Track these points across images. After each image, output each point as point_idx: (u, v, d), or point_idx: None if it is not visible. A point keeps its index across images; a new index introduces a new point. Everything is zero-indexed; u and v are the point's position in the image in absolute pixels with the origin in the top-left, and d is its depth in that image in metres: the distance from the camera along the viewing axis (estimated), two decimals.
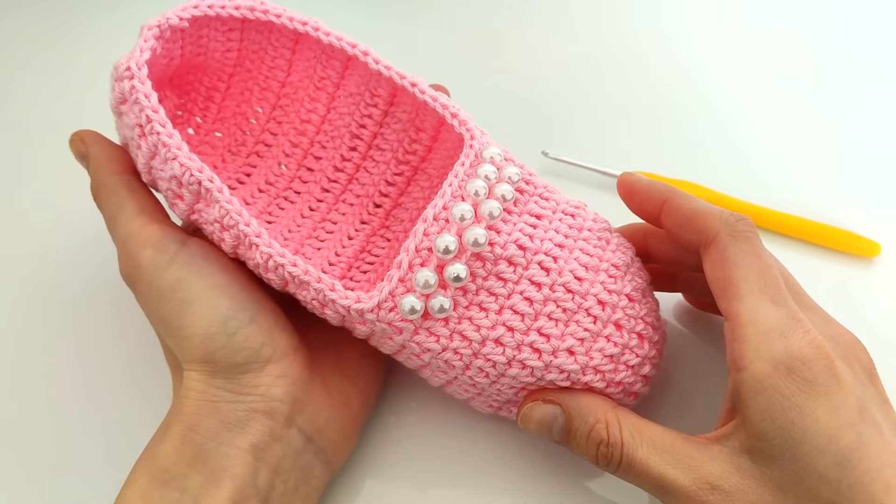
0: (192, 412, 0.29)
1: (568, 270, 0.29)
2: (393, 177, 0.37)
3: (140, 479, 0.28)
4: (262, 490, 0.28)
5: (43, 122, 0.46)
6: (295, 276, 0.29)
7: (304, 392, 0.30)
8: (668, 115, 0.47)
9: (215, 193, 0.29)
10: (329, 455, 0.31)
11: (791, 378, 0.26)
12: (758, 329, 0.27)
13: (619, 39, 0.52)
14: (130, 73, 0.29)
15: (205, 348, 0.29)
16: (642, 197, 0.32)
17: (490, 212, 0.29)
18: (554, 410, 0.29)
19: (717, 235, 0.29)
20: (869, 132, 0.46)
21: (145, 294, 0.30)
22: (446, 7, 0.54)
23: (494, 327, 0.29)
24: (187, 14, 0.31)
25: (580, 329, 0.29)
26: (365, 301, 0.28)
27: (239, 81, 0.37)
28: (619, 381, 0.30)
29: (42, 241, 0.40)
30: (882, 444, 0.26)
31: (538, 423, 0.30)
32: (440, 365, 0.30)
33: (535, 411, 0.30)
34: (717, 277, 0.29)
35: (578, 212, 0.32)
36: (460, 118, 0.31)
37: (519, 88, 0.49)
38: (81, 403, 0.35)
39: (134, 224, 0.31)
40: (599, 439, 0.28)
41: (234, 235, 0.29)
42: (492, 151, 0.30)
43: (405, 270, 0.28)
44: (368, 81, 0.35)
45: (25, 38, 0.51)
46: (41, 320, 0.38)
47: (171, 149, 0.29)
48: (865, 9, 0.53)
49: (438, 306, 0.28)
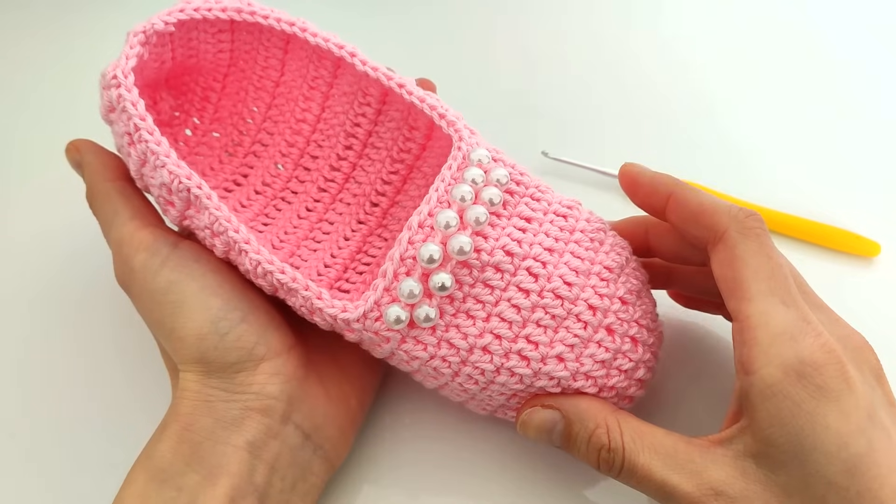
0: (187, 412, 0.29)
1: (557, 275, 0.29)
2: (389, 175, 0.37)
3: (138, 478, 0.28)
4: (259, 487, 0.28)
5: (40, 127, 0.47)
6: (283, 283, 0.29)
7: (301, 389, 0.30)
8: (668, 115, 0.47)
9: (204, 200, 0.29)
10: (328, 452, 0.31)
11: (802, 384, 0.25)
12: (768, 332, 0.26)
13: (619, 39, 0.51)
14: (117, 82, 0.29)
15: (198, 349, 0.29)
16: (646, 189, 0.31)
17: (476, 218, 0.28)
18: (553, 416, 0.29)
19: (727, 232, 0.28)
20: (869, 132, 0.45)
21: (139, 297, 0.31)
22: (446, 6, 0.54)
23: (482, 335, 0.29)
24: (173, 18, 0.31)
25: (570, 335, 0.29)
26: (351, 311, 0.28)
27: (234, 81, 0.37)
28: (612, 385, 0.30)
29: (40, 247, 0.41)
30: (890, 449, 0.25)
31: (537, 429, 0.29)
32: (429, 372, 0.30)
33: (535, 417, 0.29)
34: (726, 276, 0.28)
35: (571, 212, 0.31)
36: (448, 119, 0.31)
37: (519, 88, 0.48)
38: (82, 405, 0.36)
39: (127, 229, 0.31)
40: (600, 444, 0.28)
41: (225, 242, 0.29)
42: (479, 154, 0.29)
43: (390, 280, 0.28)
44: (360, 81, 0.35)
45: (23, 37, 0.52)
46: (41, 325, 0.38)
47: (160, 156, 0.29)
48: (865, 8, 0.52)
49: (424, 316, 0.28)
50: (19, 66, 0.50)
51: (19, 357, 0.37)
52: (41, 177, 0.43)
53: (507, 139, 0.34)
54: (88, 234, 0.37)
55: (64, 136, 0.35)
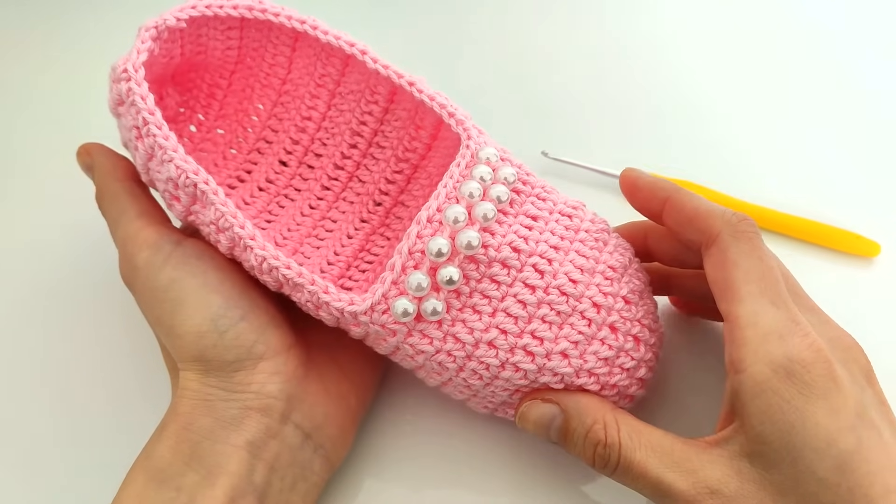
0: (187, 411, 0.29)
1: (562, 273, 0.29)
2: (393, 175, 0.37)
3: (137, 478, 0.28)
4: (258, 486, 0.28)
5: (44, 126, 0.47)
6: (289, 278, 0.29)
7: (300, 389, 0.30)
8: (668, 115, 0.47)
9: (211, 196, 0.29)
10: (328, 451, 0.31)
11: (790, 381, 0.26)
12: (757, 332, 0.27)
13: (619, 39, 0.51)
14: (127, 76, 0.29)
15: (196, 347, 0.29)
16: (645, 194, 0.32)
17: (484, 214, 0.28)
18: (552, 410, 0.29)
19: (719, 235, 0.29)
20: (869, 132, 0.46)
21: (142, 294, 0.31)
22: (447, 6, 0.54)
23: (487, 330, 0.29)
24: (185, 15, 0.31)
25: (574, 332, 0.29)
26: (358, 304, 0.28)
27: (240, 79, 0.37)
28: (614, 383, 0.30)
29: (44, 248, 0.41)
30: (881, 447, 0.26)
31: (536, 423, 0.30)
32: (434, 367, 0.30)
33: (533, 410, 0.30)
34: (718, 278, 0.29)
35: (576, 212, 0.31)
36: (458, 117, 0.31)
37: (519, 88, 0.48)
38: (82, 405, 0.36)
39: (133, 227, 0.31)
40: (597, 440, 0.28)
41: (230, 238, 0.29)
42: (488, 152, 0.30)
43: (398, 273, 0.28)
44: (368, 79, 0.35)
45: (29, 36, 0.52)
46: (42, 326, 0.38)
47: (167, 151, 0.29)
48: (865, 7, 0.53)
49: (431, 309, 0.28)
50: (20, 65, 0.50)
51: (20, 357, 0.37)
52: (50, 176, 0.43)
53: (507, 139, 0.34)
54: (95, 234, 0.37)
55: (68, 135, 0.35)
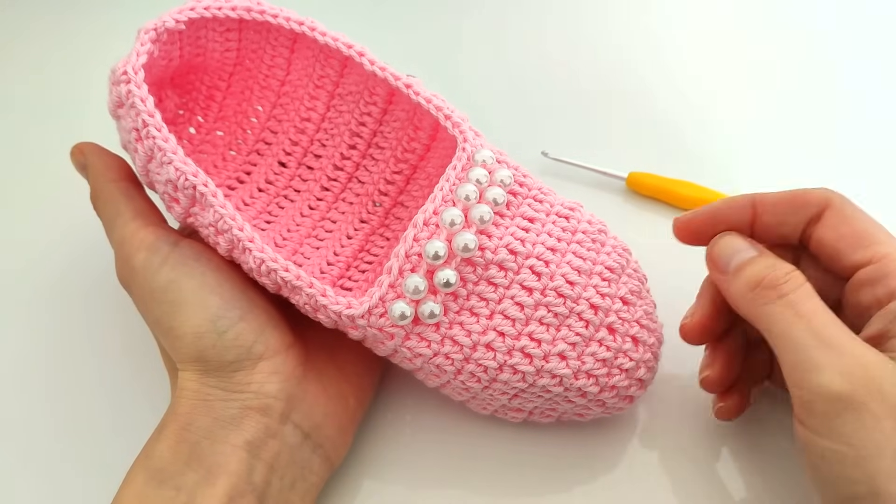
0: (186, 411, 0.29)
1: (560, 274, 0.29)
2: (392, 175, 0.37)
3: (136, 478, 0.28)
4: (257, 486, 0.28)
5: (43, 127, 0.47)
6: (287, 280, 0.29)
7: (299, 388, 0.31)
8: (668, 116, 0.47)
9: (209, 198, 0.29)
10: (328, 451, 0.31)
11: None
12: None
13: (619, 40, 0.51)
14: (127, 78, 0.30)
15: (196, 347, 0.29)
16: (698, 225, 0.32)
17: (480, 216, 0.28)
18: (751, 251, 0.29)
19: (830, 199, 0.30)
20: (869, 132, 0.46)
21: (140, 296, 0.31)
22: (447, 6, 0.54)
23: (485, 332, 0.29)
24: (184, 17, 0.31)
25: (572, 334, 0.29)
26: (356, 307, 0.28)
27: (239, 80, 0.37)
28: (613, 385, 0.30)
29: (41, 248, 0.41)
30: None
31: (724, 249, 0.30)
32: (432, 369, 0.30)
33: (732, 242, 0.30)
34: (844, 233, 0.29)
35: (573, 214, 0.31)
36: (454, 120, 0.31)
37: (519, 88, 0.48)
38: (82, 405, 0.36)
39: (129, 228, 0.31)
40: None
41: (228, 240, 0.29)
42: (484, 155, 0.30)
43: (395, 276, 0.28)
44: (367, 80, 0.35)
45: (29, 37, 0.52)
46: (42, 326, 0.38)
47: (167, 153, 0.29)
48: (865, 8, 0.53)
49: (429, 312, 0.28)
50: (19, 66, 0.50)
51: (20, 357, 0.37)
52: (48, 177, 0.43)
53: (507, 139, 0.34)
54: (90, 235, 0.37)
55: (67, 137, 0.35)
